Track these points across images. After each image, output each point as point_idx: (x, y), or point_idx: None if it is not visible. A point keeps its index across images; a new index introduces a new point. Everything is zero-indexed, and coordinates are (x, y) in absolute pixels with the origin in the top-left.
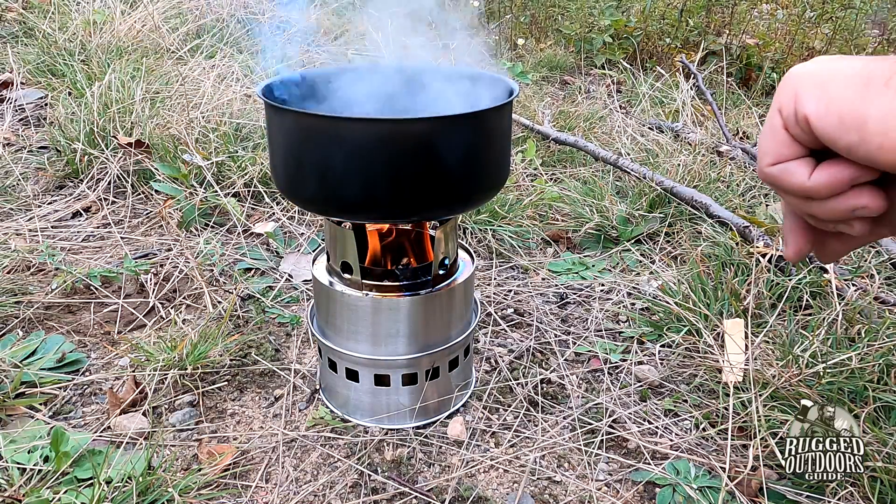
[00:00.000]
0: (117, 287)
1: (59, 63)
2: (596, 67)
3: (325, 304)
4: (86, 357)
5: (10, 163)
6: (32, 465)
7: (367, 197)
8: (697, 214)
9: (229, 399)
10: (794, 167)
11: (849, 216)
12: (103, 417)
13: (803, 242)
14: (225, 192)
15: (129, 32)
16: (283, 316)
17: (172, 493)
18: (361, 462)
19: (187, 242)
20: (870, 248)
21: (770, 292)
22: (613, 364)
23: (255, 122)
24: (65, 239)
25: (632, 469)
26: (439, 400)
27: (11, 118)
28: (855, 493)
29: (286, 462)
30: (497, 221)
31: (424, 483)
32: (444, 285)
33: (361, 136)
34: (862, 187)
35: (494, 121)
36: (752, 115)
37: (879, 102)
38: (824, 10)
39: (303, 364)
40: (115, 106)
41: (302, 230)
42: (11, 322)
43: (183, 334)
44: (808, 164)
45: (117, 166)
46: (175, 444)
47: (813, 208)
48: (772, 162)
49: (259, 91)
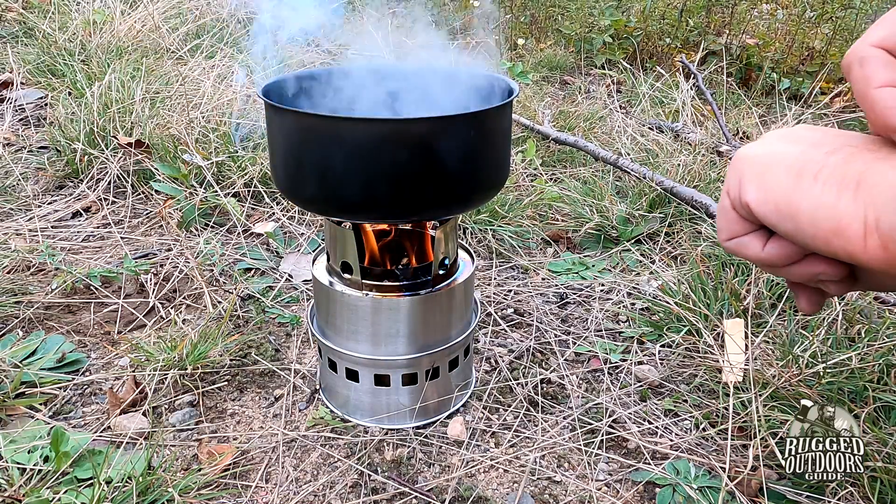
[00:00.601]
0: (117, 287)
1: (59, 63)
2: (596, 67)
3: (325, 304)
4: (86, 357)
5: (10, 163)
6: (32, 465)
7: (367, 197)
8: (697, 214)
9: (229, 399)
10: (747, 241)
11: (815, 279)
12: (103, 417)
13: (809, 294)
14: (225, 192)
15: (129, 32)
16: (283, 316)
17: (172, 493)
18: (361, 462)
19: (187, 242)
20: None
21: (770, 292)
22: (613, 364)
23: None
24: (65, 239)
25: (632, 469)
26: (439, 400)
27: (11, 118)
28: (855, 493)
29: (286, 462)
30: (497, 221)
31: (424, 483)
32: (444, 285)
33: (361, 136)
34: (816, 256)
35: (494, 121)
36: (752, 115)
37: (809, 195)
38: (824, 10)
39: (303, 364)
40: (115, 106)
41: (302, 230)
42: (11, 322)
43: (183, 334)
44: (761, 238)
45: (117, 166)
46: (175, 444)
47: (780, 273)
48: (726, 238)
49: (259, 91)
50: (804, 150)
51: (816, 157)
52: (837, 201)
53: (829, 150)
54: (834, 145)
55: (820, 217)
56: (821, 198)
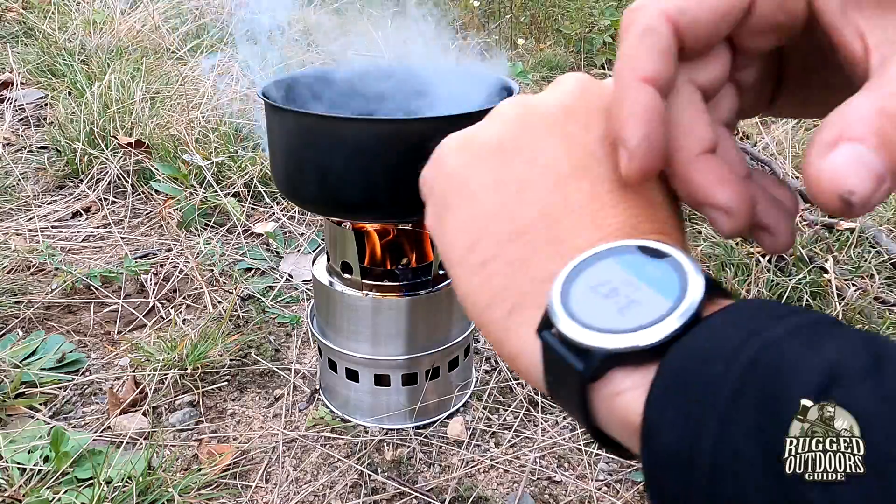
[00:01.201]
0: (117, 287)
1: (59, 63)
2: (596, 67)
3: (325, 304)
4: (86, 357)
5: (10, 163)
6: (32, 465)
7: (367, 197)
8: (697, 214)
9: (229, 399)
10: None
11: None
12: (103, 417)
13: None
14: (225, 192)
15: (129, 32)
16: (283, 316)
17: (172, 493)
18: (361, 462)
19: (187, 242)
20: (870, 248)
21: (770, 292)
22: None
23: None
24: (65, 239)
25: (632, 469)
26: (439, 400)
27: (11, 118)
28: None
29: (286, 462)
30: None
31: (424, 483)
32: (444, 285)
33: (361, 136)
34: None
35: None
36: None
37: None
38: None
39: (303, 364)
40: (115, 106)
41: (302, 230)
42: (11, 322)
43: (183, 334)
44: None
45: (117, 166)
46: (175, 444)
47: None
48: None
49: (259, 92)
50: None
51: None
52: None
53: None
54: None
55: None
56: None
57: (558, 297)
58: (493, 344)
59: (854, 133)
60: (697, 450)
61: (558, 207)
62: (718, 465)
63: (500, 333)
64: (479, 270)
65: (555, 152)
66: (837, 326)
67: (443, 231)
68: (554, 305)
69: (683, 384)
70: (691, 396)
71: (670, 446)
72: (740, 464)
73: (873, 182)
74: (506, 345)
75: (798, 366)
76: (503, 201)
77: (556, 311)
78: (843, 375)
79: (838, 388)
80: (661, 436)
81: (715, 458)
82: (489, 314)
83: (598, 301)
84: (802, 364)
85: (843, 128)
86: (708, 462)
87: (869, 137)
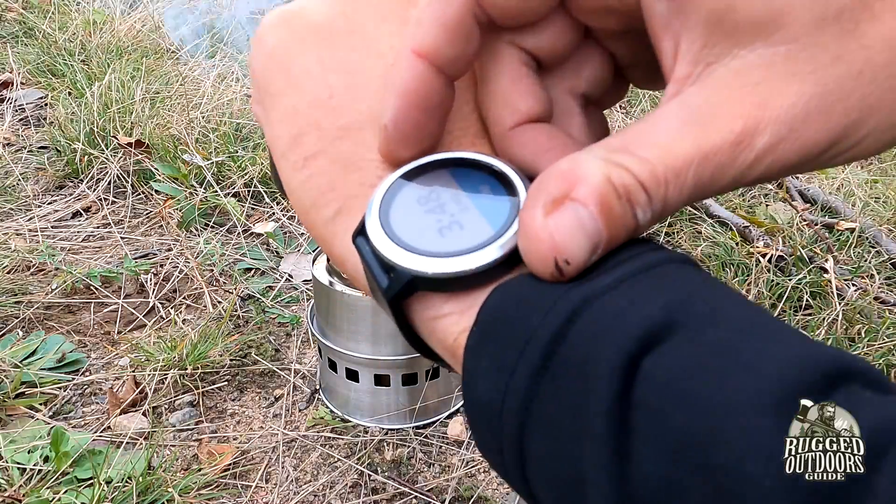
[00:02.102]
0: (117, 287)
1: (59, 63)
2: None
3: (325, 304)
4: (86, 357)
5: (10, 163)
6: (32, 465)
7: None
8: (697, 214)
9: (229, 399)
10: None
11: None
12: (103, 417)
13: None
14: (225, 192)
15: (129, 32)
16: (283, 316)
17: (172, 493)
18: (361, 462)
19: (187, 242)
20: (870, 248)
21: (770, 292)
22: None
23: (254, 122)
24: (65, 239)
25: None
26: (439, 400)
27: (11, 118)
28: None
29: (286, 462)
30: None
31: (424, 483)
32: None
33: None
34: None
35: None
36: None
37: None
38: None
39: (303, 364)
40: (115, 106)
41: (302, 230)
42: (11, 322)
43: (183, 334)
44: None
45: (117, 166)
46: (175, 444)
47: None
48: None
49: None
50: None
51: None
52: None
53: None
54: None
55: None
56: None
57: (378, 206)
58: (321, 246)
59: (579, 194)
60: (509, 406)
61: None
62: (526, 423)
63: (327, 237)
64: (302, 167)
65: (391, 40)
66: (674, 272)
67: (267, 119)
68: (369, 216)
69: (498, 333)
70: (505, 345)
71: (483, 396)
72: (551, 427)
73: (589, 253)
74: (332, 249)
75: (614, 326)
76: (331, 92)
77: (369, 222)
78: (661, 338)
79: (649, 355)
80: (477, 386)
81: (524, 417)
82: (313, 215)
83: (420, 216)
84: (619, 324)
85: (572, 184)
86: (517, 421)
87: (593, 204)
